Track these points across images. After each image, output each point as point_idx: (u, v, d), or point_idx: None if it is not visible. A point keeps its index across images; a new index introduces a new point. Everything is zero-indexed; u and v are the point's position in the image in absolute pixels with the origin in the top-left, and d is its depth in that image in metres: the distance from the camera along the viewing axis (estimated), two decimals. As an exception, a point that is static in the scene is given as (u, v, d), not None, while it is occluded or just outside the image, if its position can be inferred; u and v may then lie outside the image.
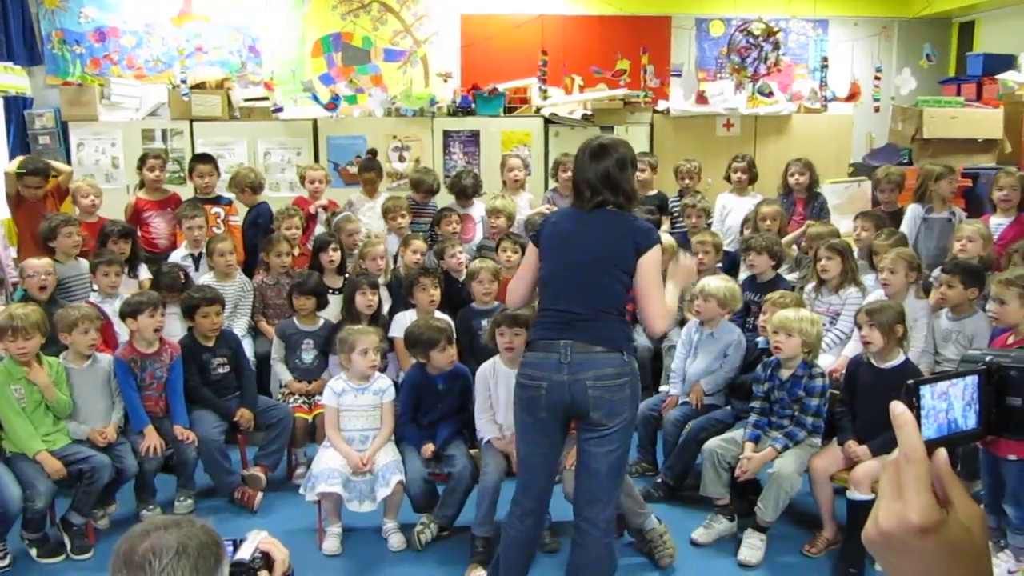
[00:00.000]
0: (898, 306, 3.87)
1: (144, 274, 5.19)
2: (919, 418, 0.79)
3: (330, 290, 5.07)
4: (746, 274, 5.18)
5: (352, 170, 7.11)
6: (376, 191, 6.31)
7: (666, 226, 6.00)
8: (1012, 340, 3.70)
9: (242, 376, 4.49)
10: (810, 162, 6.02)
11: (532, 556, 3.17)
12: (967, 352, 0.87)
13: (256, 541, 1.73)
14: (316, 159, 7.28)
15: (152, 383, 4.16)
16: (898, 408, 0.77)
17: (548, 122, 7.52)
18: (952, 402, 0.82)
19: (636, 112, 7.64)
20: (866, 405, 3.73)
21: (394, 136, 7.44)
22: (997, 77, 7.26)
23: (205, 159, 6.03)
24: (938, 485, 0.76)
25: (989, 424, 0.84)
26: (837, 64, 8.20)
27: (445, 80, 8.00)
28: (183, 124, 7.28)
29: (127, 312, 4.16)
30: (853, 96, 8.00)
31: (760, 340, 4.25)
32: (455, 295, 5.15)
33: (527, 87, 7.70)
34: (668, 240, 5.28)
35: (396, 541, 3.85)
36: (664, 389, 4.66)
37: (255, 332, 5.21)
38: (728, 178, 6.31)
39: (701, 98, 7.64)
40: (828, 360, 4.36)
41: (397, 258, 5.51)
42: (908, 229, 5.32)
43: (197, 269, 5.35)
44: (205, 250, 5.27)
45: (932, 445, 0.78)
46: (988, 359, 0.84)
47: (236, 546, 1.70)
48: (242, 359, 4.55)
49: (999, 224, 5.11)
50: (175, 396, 4.20)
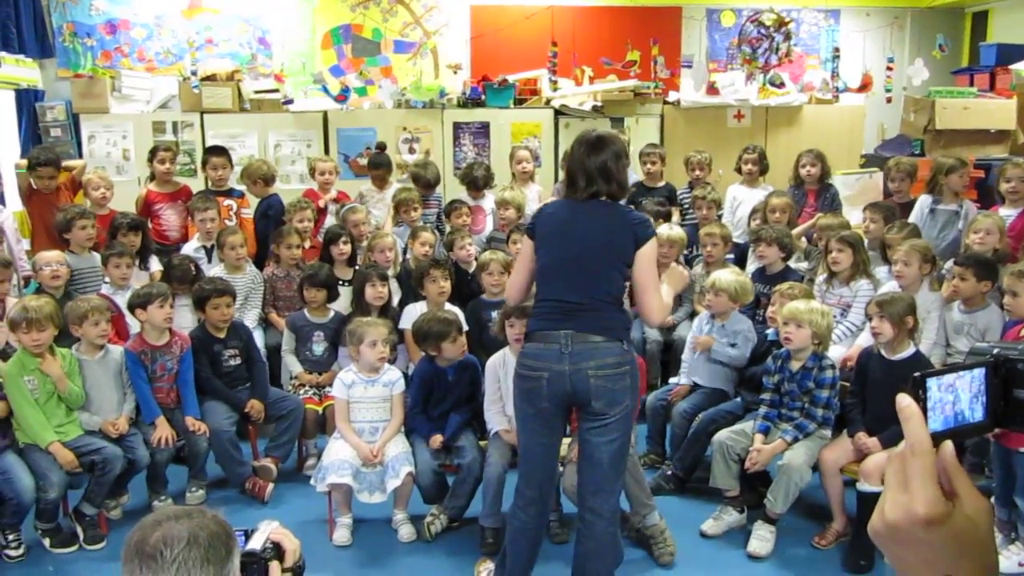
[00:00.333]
0: (909, 298, 3.86)
1: (155, 266, 5.21)
2: (926, 410, 0.79)
3: (340, 282, 5.09)
4: (755, 265, 5.17)
5: (362, 162, 7.12)
6: (386, 183, 6.32)
7: (676, 217, 5.98)
8: (1024, 332, 3.68)
9: (253, 368, 4.51)
10: (822, 153, 5.99)
11: (538, 545, 3.17)
12: (975, 345, 0.87)
13: (267, 532, 1.74)
14: (326, 151, 7.29)
15: (163, 375, 4.18)
16: (904, 400, 0.77)
17: (558, 113, 7.52)
18: (959, 394, 0.82)
19: (646, 103, 7.63)
20: (876, 397, 3.72)
21: (404, 128, 7.44)
22: (1010, 67, 7.20)
23: (219, 151, 6.03)
24: (944, 477, 0.76)
25: (996, 417, 0.84)
26: (849, 54, 8.15)
27: (455, 71, 8.00)
28: (194, 116, 7.31)
29: (136, 303, 4.18)
30: (865, 87, 7.95)
31: (770, 332, 4.24)
32: (465, 287, 5.17)
33: (537, 78, 7.68)
34: (679, 233, 5.29)
35: (406, 532, 3.87)
36: (674, 380, 4.65)
37: (266, 324, 5.23)
38: (739, 169, 6.29)
39: (712, 89, 7.61)
40: (839, 352, 4.34)
41: (407, 250, 5.52)
42: (914, 219, 5.30)
43: (210, 261, 5.37)
44: (216, 242, 5.29)
45: (939, 437, 0.78)
46: (995, 351, 0.84)
47: (247, 536, 1.71)
48: (253, 351, 4.57)
49: (1007, 216, 5.06)
50: (186, 387, 4.22)
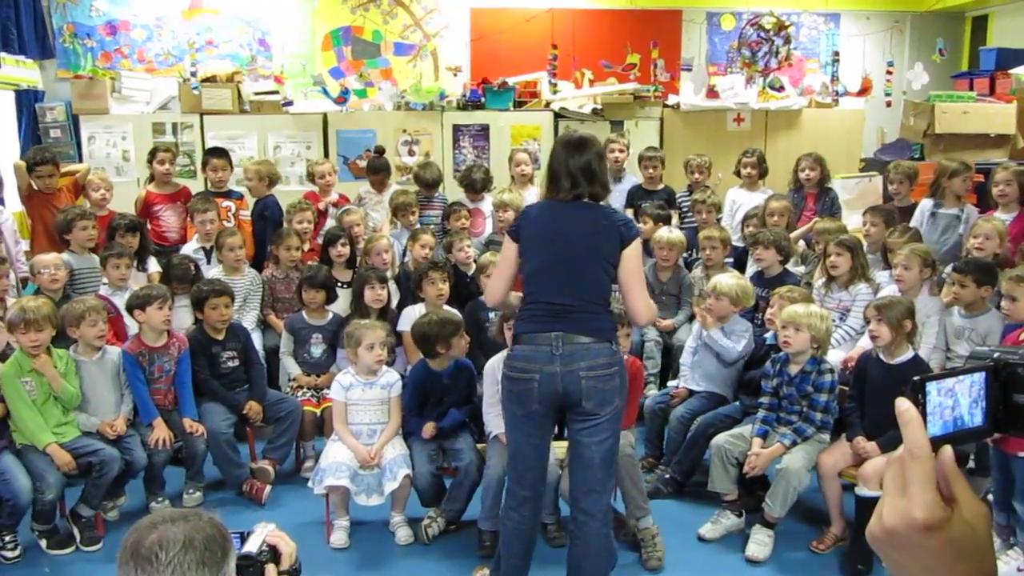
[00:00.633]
0: (908, 302, 3.85)
1: (153, 267, 5.21)
2: (925, 415, 0.78)
3: (339, 283, 5.09)
4: (753, 269, 5.17)
5: (362, 164, 7.11)
6: (385, 186, 6.32)
7: (675, 221, 5.98)
8: (1024, 337, 3.68)
9: (251, 369, 4.50)
10: (821, 157, 5.99)
11: (532, 545, 3.16)
12: (975, 349, 0.86)
13: (263, 534, 1.73)
14: (326, 153, 7.30)
15: (160, 376, 4.17)
16: (903, 405, 0.77)
17: (558, 116, 7.52)
18: (959, 399, 0.81)
19: (646, 106, 7.64)
20: (875, 401, 3.72)
21: (404, 130, 7.44)
22: (1010, 72, 7.21)
23: (220, 153, 6.02)
24: (943, 482, 0.76)
25: (996, 421, 0.83)
26: (849, 58, 8.16)
27: (455, 74, 8.01)
28: (193, 118, 7.30)
29: (135, 304, 4.17)
30: (865, 91, 7.96)
31: (768, 335, 4.24)
32: (464, 288, 5.16)
33: (537, 81, 7.69)
34: (678, 235, 5.30)
35: (403, 535, 3.86)
36: (673, 384, 4.64)
37: (264, 326, 5.23)
38: (738, 173, 6.29)
39: (711, 92, 7.62)
40: (838, 356, 4.33)
41: (406, 252, 5.52)
42: (915, 223, 5.29)
43: (209, 262, 5.36)
44: (215, 244, 5.28)
45: (938, 442, 0.77)
46: (995, 356, 0.83)
47: (243, 539, 1.70)
48: (251, 352, 4.56)
49: (1003, 221, 5.06)
50: (184, 389, 4.22)
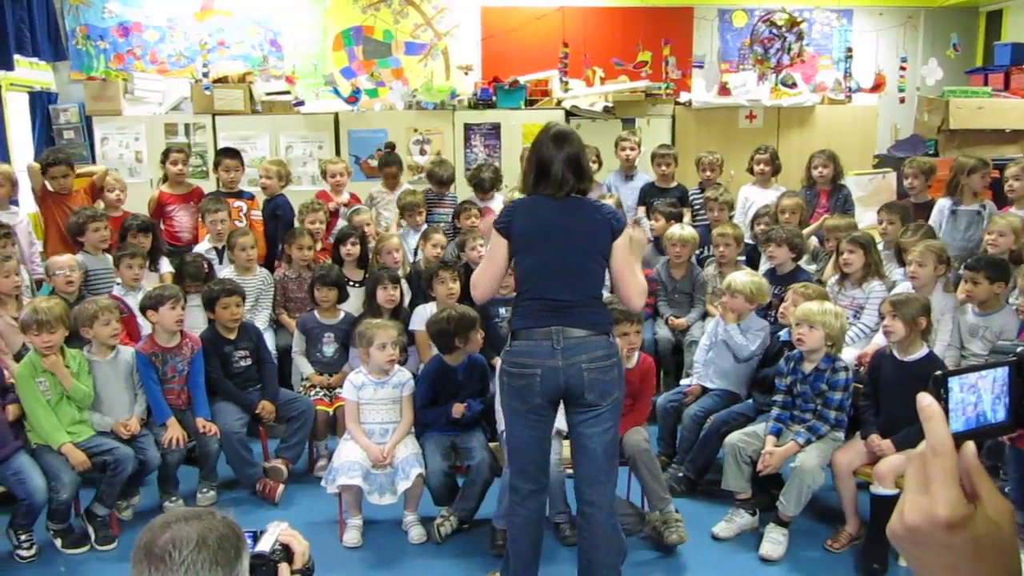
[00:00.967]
0: (923, 299, 3.82)
1: (165, 267, 5.22)
2: (947, 410, 0.77)
3: (350, 283, 5.09)
4: (766, 266, 5.14)
5: (373, 163, 7.12)
6: (397, 184, 6.32)
7: (687, 218, 5.96)
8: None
9: (264, 369, 4.51)
10: (834, 154, 5.96)
11: (539, 541, 3.15)
12: (997, 343, 0.85)
13: (276, 533, 1.73)
14: (337, 152, 7.31)
15: (174, 376, 4.19)
16: (925, 400, 0.76)
17: (569, 114, 7.50)
18: (981, 394, 0.80)
19: (658, 104, 7.62)
20: (889, 399, 3.69)
21: (415, 129, 7.45)
22: (1025, 67, 7.17)
23: (232, 153, 6.03)
24: (966, 479, 0.75)
25: (1019, 417, 0.82)
26: (862, 54, 8.10)
27: (466, 73, 8.01)
28: (205, 118, 7.33)
29: (148, 305, 4.19)
30: (878, 87, 7.91)
31: (782, 333, 4.21)
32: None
33: (548, 79, 7.68)
34: (691, 232, 5.28)
35: (416, 534, 3.86)
36: (686, 382, 4.63)
37: (276, 325, 5.24)
38: (751, 170, 6.26)
39: (723, 89, 7.59)
40: (852, 354, 4.31)
41: (417, 251, 5.52)
42: (935, 222, 5.24)
43: (221, 262, 5.37)
44: (227, 243, 5.29)
45: (960, 438, 0.76)
46: (1019, 350, 0.82)
47: (256, 538, 1.70)
48: (264, 352, 4.57)
49: (1019, 216, 5.00)
50: (197, 389, 4.23)
